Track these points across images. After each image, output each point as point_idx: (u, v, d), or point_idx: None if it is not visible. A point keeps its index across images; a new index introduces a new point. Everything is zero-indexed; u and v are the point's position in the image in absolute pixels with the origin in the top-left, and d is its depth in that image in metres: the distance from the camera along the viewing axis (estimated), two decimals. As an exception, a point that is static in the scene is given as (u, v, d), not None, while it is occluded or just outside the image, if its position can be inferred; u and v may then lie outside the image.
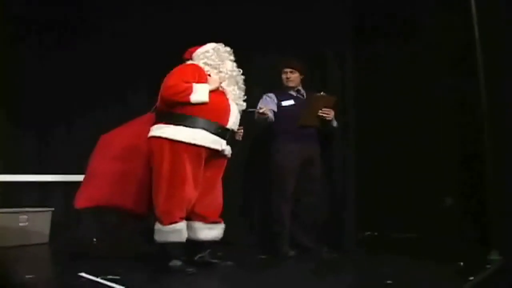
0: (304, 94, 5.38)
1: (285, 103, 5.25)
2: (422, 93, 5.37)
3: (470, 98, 4.81)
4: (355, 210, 5.64)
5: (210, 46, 4.49)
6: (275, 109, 5.22)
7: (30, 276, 3.93)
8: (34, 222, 5.72)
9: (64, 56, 6.20)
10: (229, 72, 4.39)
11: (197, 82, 4.17)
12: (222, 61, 4.42)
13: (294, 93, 5.34)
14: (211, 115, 4.18)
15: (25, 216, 5.66)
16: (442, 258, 4.36)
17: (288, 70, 5.31)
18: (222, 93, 4.32)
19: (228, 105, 4.30)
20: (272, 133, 5.24)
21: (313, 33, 5.77)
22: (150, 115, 4.45)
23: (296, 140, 5.10)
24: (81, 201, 4.31)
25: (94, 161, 4.42)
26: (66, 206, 5.82)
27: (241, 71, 4.51)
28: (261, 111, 4.87)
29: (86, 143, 4.69)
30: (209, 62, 4.39)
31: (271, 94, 5.33)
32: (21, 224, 5.63)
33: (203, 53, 4.45)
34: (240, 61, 4.55)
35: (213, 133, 4.18)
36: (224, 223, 4.48)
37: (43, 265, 4.91)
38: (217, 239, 4.42)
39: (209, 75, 4.32)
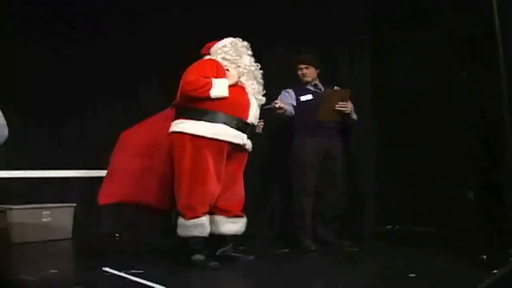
0: (322, 88, 5.37)
1: (303, 98, 5.25)
2: (441, 84, 5.33)
3: (490, 89, 4.76)
4: (375, 203, 5.63)
5: (227, 41, 4.48)
6: (294, 104, 5.23)
7: (54, 271, 3.98)
8: (57, 218, 5.78)
9: (79, 52, 6.25)
10: (247, 67, 4.39)
11: (216, 77, 4.17)
12: (240, 56, 4.41)
13: (311, 88, 5.33)
14: (231, 109, 4.18)
15: (48, 212, 5.73)
16: (464, 252, 4.33)
17: (303, 66, 5.31)
18: (242, 88, 4.31)
19: (248, 100, 4.30)
20: (291, 127, 5.24)
21: (329, 26, 5.78)
22: (169, 111, 4.45)
23: (315, 134, 5.10)
24: (104, 197, 4.31)
25: (115, 158, 4.43)
26: (88, 201, 5.88)
27: (259, 65, 4.50)
28: (277, 105, 4.86)
29: (107, 138, 4.71)
30: (227, 57, 4.38)
31: (289, 90, 5.33)
32: (43, 220, 5.70)
33: (220, 48, 4.45)
34: (256, 57, 4.55)
35: (234, 128, 4.18)
36: (246, 217, 4.47)
37: (67, 260, 4.97)
38: (239, 233, 4.42)
39: (227, 70, 4.31)
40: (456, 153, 5.19)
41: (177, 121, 4.24)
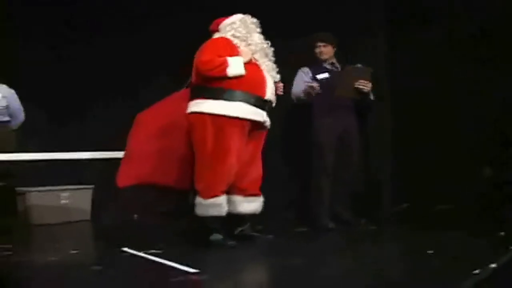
0: (339, 67, 5.34)
1: (320, 76, 5.21)
2: (458, 65, 5.29)
3: (507, 73, 4.73)
4: (392, 182, 5.62)
5: (237, 17, 4.42)
6: (310, 81, 5.17)
7: (75, 252, 4.03)
8: (75, 200, 5.84)
9: (80, 52, 6.29)
10: (259, 45, 4.35)
11: (230, 55, 4.14)
12: (250, 33, 4.36)
13: (328, 66, 5.31)
14: (249, 87, 4.15)
15: (66, 194, 5.80)
16: (481, 229, 4.33)
17: (321, 44, 5.28)
18: (256, 65, 4.28)
19: (264, 77, 4.27)
20: (308, 106, 5.20)
21: (346, 13, 5.79)
22: (184, 91, 4.43)
23: (332, 112, 5.08)
24: (122, 179, 4.30)
25: (132, 140, 4.40)
26: (106, 183, 5.90)
27: (269, 43, 4.44)
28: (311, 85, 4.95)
29: (124, 119, 4.72)
30: (236, 34, 4.32)
31: (305, 69, 5.31)
32: (62, 202, 5.76)
33: (229, 24, 4.39)
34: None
35: (253, 105, 4.16)
36: (264, 196, 4.47)
37: (87, 241, 5.04)
38: (256, 212, 4.41)
39: (239, 47, 4.27)
40: (472, 130, 5.16)
41: (195, 101, 4.20)
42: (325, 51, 5.29)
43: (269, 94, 4.28)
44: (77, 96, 6.32)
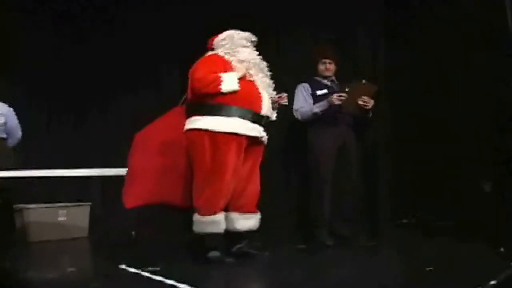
0: (338, 84, 5.32)
1: (319, 92, 5.20)
2: (457, 77, 5.29)
3: (507, 81, 4.72)
4: (392, 197, 5.61)
5: (225, 33, 4.43)
6: (311, 102, 5.19)
7: (72, 269, 4.01)
8: (73, 217, 5.81)
9: (87, 52, 6.28)
10: (251, 60, 4.33)
11: (223, 71, 4.15)
12: (237, 48, 4.35)
13: (328, 83, 5.30)
14: (244, 103, 4.16)
15: (64, 211, 5.76)
16: (481, 244, 4.31)
17: (328, 61, 5.27)
18: (250, 81, 4.28)
19: (259, 92, 4.27)
20: (306, 124, 5.21)
21: (344, 16, 5.81)
22: (179, 108, 4.46)
23: (333, 126, 5.09)
24: (130, 201, 4.25)
25: (134, 159, 4.38)
26: (104, 200, 5.91)
27: (261, 58, 4.43)
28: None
29: (123, 136, 4.72)
30: (225, 50, 4.35)
31: (305, 85, 5.29)
32: (60, 219, 5.73)
33: (220, 41, 4.41)
34: (270, 47, 4.52)
35: (250, 121, 4.17)
36: (263, 212, 4.46)
37: (84, 258, 5.00)
38: (253, 229, 4.39)
39: (231, 63, 4.27)
40: (473, 145, 5.15)
41: (192, 118, 4.22)
42: (330, 68, 5.29)
43: (265, 109, 4.28)
44: (75, 111, 6.32)
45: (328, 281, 3.65)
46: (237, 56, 4.31)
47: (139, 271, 3.77)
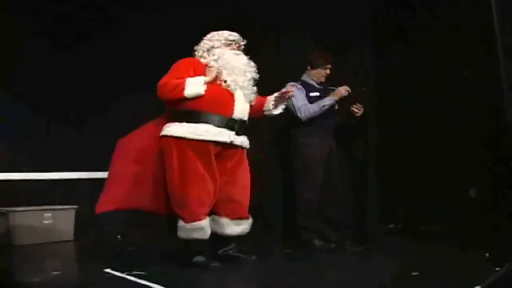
0: (328, 88, 5.28)
1: (312, 94, 5.16)
2: (446, 83, 5.32)
3: (495, 90, 4.74)
4: (379, 202, 5.61)
5: (208, 35, 4.41)
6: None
7: (57, 272, 3.98)
8: (59, 220, 5.77)
9: (83, 54, 6.24)
10: (228, 61, 4.24)
11: (194, 75, 4.10)
12: (209, 50, 4.31)
13: (318, 86, 5.27)
14: (213, 107, 4.10)
15: (50, 214, 5.72)
16: (466, 249, 4.32)
17: (329, 66, 5.24)
18: (221, 84, 4.19)
19: (231, 95, 4.18)
20: (297, 125, 5.16)
21: (334, 22, 5.81)
22: (165, 115, 4.40)
23: (323, 131, 5.10)
24: (100, 206, 4.23)
25: (112, 166, 4.34)
26: (90, 203, 5.86)
27: (240, 58, 4.32)
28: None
29: (110, 140, 4.69)
30: (200, 53, 4.33)
31: (298, 85, 5.19)
32: (45, 222, 5.69)
33: (201, 42, 4.40)
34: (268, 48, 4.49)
35: (216, 126, 4.10)
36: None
37: (69, 262, 4.96)
38: (243, 233, 4.33)
39: (207, 65, 4.23)
40: (460, 151, 5.18)
41: (166, 124, 4.21)
42: (328, 74, 5.27)
43: (238, 112, 4.20)
44: (71, 113, 6.29)
45: (317, 285, 3.64)
46: (211, 56, 4.27)
47: (124, 275, 3.74)
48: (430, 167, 5.32)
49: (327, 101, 5.04)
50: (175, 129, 4.10)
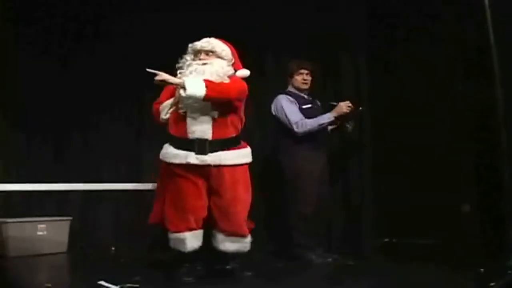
0: (316, 100, 5.28)
1: (305, 106, 5.13)
2: (438, 99, 5.34)
3: (487, 104, 4.76)
4: (373, 216, 5.61)
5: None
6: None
7: (49, 285, 3.95)
8: (53, 231, 5.74)
9: (81, 64, 6.25)
10: (187, 74, 4.16)
11: (170, 97, 4.22)
12: (184, 61, 4.28)
13: (307, 97, 5.23)
14: (174, 129, 4.20)
15: (44, 225, 5.69)
16: (461, 265, 4.32)
17: (305, 71, 5.18)
18: (178, 104, 4.17)
19: (183, 116, 4.14)
20: (290, 138, 5.11)
21: (327, 34, 5.83)
22: None
23: (317, 144, 5.08)
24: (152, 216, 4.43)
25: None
26: (84, 215, 5.86)
27: (198, 68, 4.18)
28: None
29: (103, 151, 4.69)
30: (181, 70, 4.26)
31: (289, 96, 5.17)
32: (39, 233, 5.66)
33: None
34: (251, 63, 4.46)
35: (176, 147, 4.16)
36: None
37: (62, 274, 4.94)
38: (239, 251, 4.26)
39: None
40: (454, 166, 5.19)
41: None
42: (308, 80, 5.18)
43: (192, 132, 4.11)
44: (56, 126, 6.27)
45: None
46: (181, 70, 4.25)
47: (117, 287, 3.72)
48: (425, 182, 5.32)
49: (326, 119, 5.01)
50: (162, 151, 4.30)
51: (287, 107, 5.08)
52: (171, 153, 4.17)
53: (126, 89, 6.17)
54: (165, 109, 4.19)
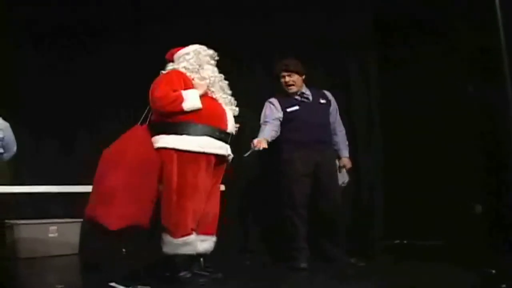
0: (310, 96, 5.08)
1: (290, 109, 5.00)
2: (448, 101, 5.34)
3: (497, 104, 4.74)
4: (383, 218, 5.60)
5: (191, 48, 4.37)
6: (281, 116, 5.00)
7: (61, 286, 3.97)
8: (64, 233, 5.78)
9: (85, 63, 6.29)
10: (211, 78, 4.26)
11: (184, 89, 4.08)
12: (201, 65, 4.29)
13: (298, 97, 5.06)
14: (210, 120, 4.10)
15: (55, 227, 5.73)
16: (472, 266, 4.31)
17: (286, 74, 4.99)
18: (213, 98, 4.24)
19: (223, 109, 4.24)
20: (278, 141, 5.01)
21: (333, 39, 5.82)
22: (141, 127, 4.21)
23: (304, 145, 4.90)
24: (116, 221, 3.84)
25: (107, 177, 3.97)
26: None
27: (223, 76, 4.39)
28: (256, 148, 4.58)
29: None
30: (188, 66, 4.26)
31: (273, 101, 5.06)
32: (50, 235, 5.70)
33: (183, 55, 4.33)
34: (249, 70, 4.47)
35: (217, 139, 4.11)
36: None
37: (74, 275, 4.96)
38: (207, 252, 4.23)
39: (193, 80, 4.22)
40: (463, 167, 5.18)
41: (160, 136, 4.11)
42: (291, 81, 4.99)
43: (231, 126, 4.24)
44: (65, 129, 6.30)
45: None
46: (200, 73, 4.26)
47: (128, 289, 3.74)
48: (436, 183, 5.31)
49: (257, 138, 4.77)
50: (175, 141, 4.03)
51: (263, 112, 5.08)
52: (214, 144, 4.09)
53: (135, 89, 6.19)
54: (194, 98, 4.04)
